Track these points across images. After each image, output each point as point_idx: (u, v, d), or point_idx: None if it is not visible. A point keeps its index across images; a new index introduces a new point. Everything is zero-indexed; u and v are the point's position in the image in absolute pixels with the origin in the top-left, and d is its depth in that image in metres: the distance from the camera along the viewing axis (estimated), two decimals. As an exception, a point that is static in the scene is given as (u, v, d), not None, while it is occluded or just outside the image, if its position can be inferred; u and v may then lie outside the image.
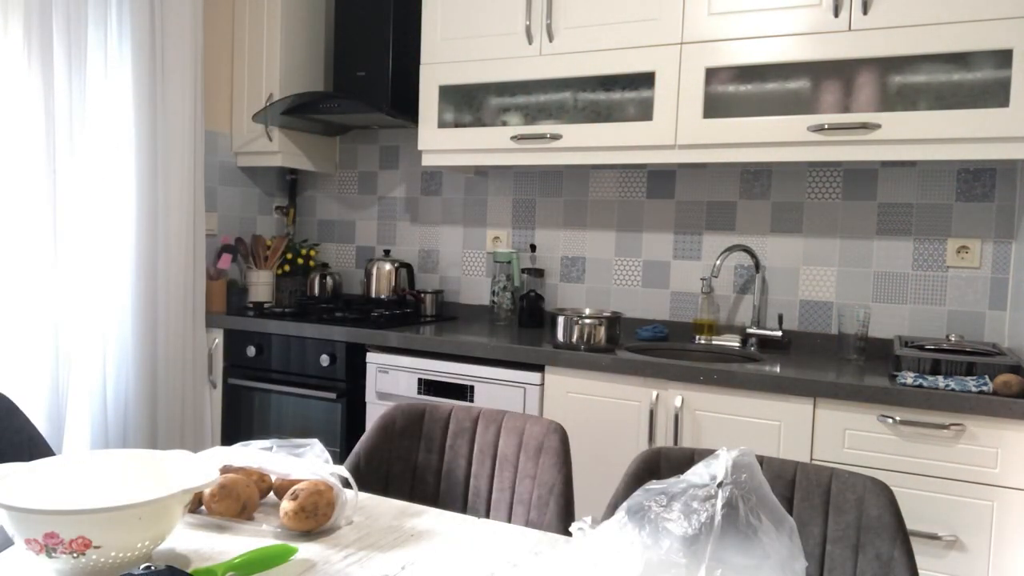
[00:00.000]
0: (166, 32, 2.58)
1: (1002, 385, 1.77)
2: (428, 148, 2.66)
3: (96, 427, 2.43)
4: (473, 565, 0.99)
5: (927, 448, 1.81)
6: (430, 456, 1.51)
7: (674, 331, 2.65)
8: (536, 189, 2.89)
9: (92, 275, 2.42)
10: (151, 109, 2.55)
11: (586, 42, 2.38)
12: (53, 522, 0.84)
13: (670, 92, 2.27)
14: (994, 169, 2.26)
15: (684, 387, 2.05)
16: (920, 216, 2.35)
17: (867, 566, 1.10)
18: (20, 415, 1.48)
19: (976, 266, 2.28)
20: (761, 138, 2.16)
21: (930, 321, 2.34)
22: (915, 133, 2.00)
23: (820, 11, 2.09)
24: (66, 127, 2.32)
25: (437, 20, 2.61)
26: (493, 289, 2.84)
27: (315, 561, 0.99)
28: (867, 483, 1.15)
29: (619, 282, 2.76)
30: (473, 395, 2.31)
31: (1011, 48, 1.91)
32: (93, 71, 2.40)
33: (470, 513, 1.19)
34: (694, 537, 0.81)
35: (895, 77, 2.11)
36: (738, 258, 2.58)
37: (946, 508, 1.80)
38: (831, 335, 2.43)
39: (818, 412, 1.92)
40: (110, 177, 2.46)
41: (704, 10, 2.22)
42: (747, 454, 0.87)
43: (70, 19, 2.30)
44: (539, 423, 1.48)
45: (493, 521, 1.15)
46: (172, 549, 1.01)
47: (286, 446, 1.23)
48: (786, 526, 0.85)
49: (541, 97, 2.57)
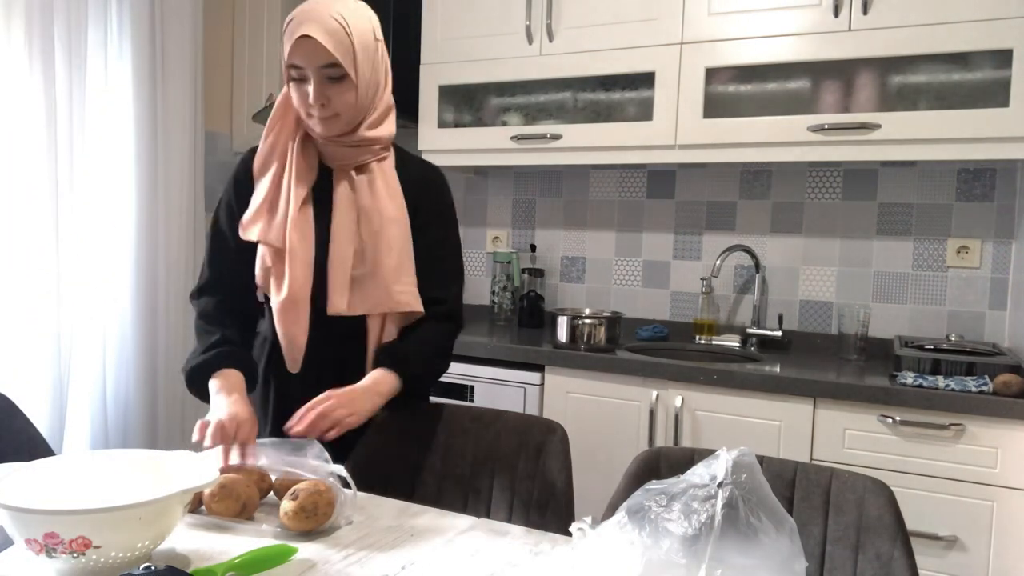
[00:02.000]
0: (166, 32, 2.58)
1: (1002, 385, 1.77)
2: (428, 148, 2.66)
3: (96, 427, 2.43)
4: (473, 565, 0.99)
5: (927, 448, 1.81)
6: (430, 456, 1.50)
7: (674, 331, 2.65)
8: (536, 189, 2.89)
9: (92, 275, 2.42)
10: (151, 109, 2.55)
11: (586, 42, 2.38)
12: (53, 522, 0.84)
13: (670, 92, 2.27)
14: (994, 169, 2.26)
15: (684, 387, 2.05)
16: (920, 216, 2.35)
17: (867, 566, 1.10)
18: (20, 415, 1.48)
19: (976, 266, 2.28)
20: (761, 138, 2.16)
21: (930, 321, 2.34)
22: (915, 133, 2.00)
23: (820, 11, 2.09)
24: (67, 127, 2.32)
25: (437, 20, 2.61)
26: (493, 289, 2.84)
27: (315, 561, 0.99)
28: (867, 483, 1.15)
29: (619, 282, 2.76)
30: (473, 395, 2.31)
31: (1011, 48, 1.91)
32: (93, 72, 2.40)
33: (470, 513, 1.19)
34: (694, 537, 0.81)
35: (895, 77, 2.11)
36: (738, 258, 2.58)
37: (946, 508, 1.80)
38: (831, 335, 2.43)
39: (818, 412, 1.92)
40: (110, 177, 2.46)
41: (704, 10, 2.22)
42: (747, 454, 0.87)
43: (71, 20, 2.30)
44: (539, 423, 1.48)
45: (493, 521, 1.15)
46: (172, 549, 1.01)
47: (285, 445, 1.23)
48: (786, 526, 0.85)
49: (541, 97, 2.57)
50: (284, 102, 1.39)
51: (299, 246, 1.36)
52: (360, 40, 1.31)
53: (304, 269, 1.37)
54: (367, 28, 1.33)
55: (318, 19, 1.27)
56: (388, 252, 1.38)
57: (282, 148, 1.40)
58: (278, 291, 1.37)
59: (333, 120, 1.33)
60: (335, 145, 1.38)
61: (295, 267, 1.36)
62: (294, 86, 1.33)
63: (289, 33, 1.28)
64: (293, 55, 1.28)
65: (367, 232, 1.39)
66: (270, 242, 1.36)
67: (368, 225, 1.39)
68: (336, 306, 1.37)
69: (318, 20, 1.27)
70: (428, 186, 1.49)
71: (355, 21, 1.30)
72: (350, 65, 1.29)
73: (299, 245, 1.36)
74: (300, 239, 1.36)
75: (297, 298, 1.36)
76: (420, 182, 1.48)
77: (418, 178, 1.48)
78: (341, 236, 1.38)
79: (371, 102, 1.37)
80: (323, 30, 1.26)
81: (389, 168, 1.44)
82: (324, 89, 1.30)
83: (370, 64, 1.34)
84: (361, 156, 1.40)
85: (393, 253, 1.39)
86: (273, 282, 1.38)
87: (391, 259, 1.39)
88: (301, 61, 1.28)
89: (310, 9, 1.28)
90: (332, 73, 1.29)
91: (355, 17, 1.31)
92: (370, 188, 1.40)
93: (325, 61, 1.28)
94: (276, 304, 1.37)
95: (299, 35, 1.26)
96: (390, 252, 1.39)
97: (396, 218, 1.41)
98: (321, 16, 1.27)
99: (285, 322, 1.37)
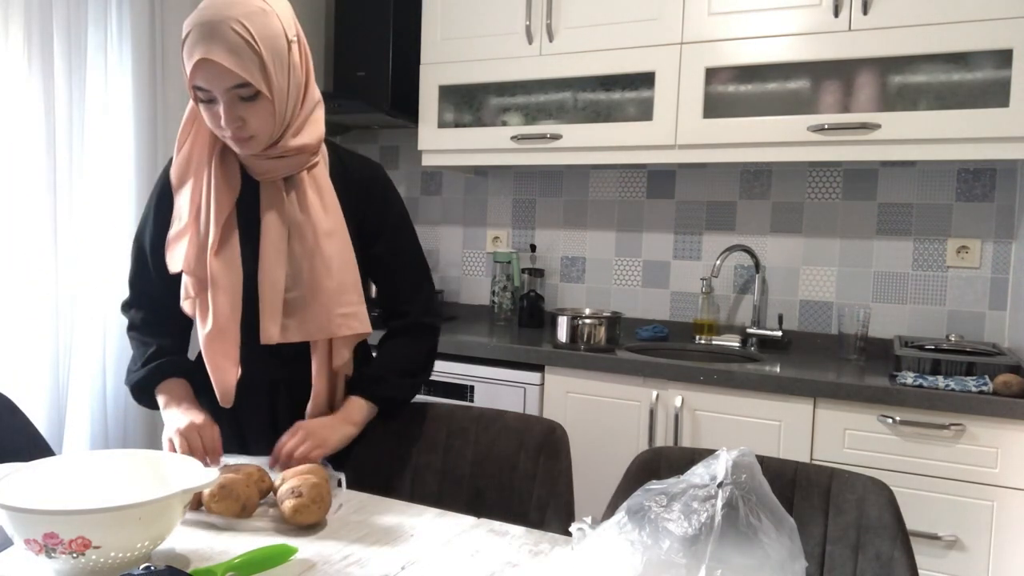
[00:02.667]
0: (166, 32, 2.58)
1: (1002, 385, 1.77)
2: (428, 148, 2.66)
3: (96, 427, 2.43)
4: (473, 565, 0.99)
5: (927, 448, 1.81)
6: (430, 456, 1.50)
7: (674, 331, 2.65)
8: (536, 189, 2.89)
9: (92, 275, 2.42)
10: (151, 109, 2.55)
11: (586, 42, 2.38)
12: (53, 522, 0.84)
13: (670, 92, 2.27)
14: (994, 169, 2.26)
15: (684, 387, 2.05)
16: (920, 216, 2.35)
17: (867, 566, 1.10)
18: (20, 415, 1.48)
19: (976, 266, 2.28)
20: (761, 138, 2.16)
21: (930, 321, 2.34)
22: (915, 133, 2.00)
23: (820, 11, 2.09)
24: (66, 128, 2.32)
25: (437, 20, 2.61)
26: (493, 289, 2.84)
27: (315, 561, 0.99)
28: (867, 483, 1.15)
29: (619, 282, 2.76)
30: (473, 395, 2.31)
31: (1011, 48, 1.91)
32: (93, 72, 2.40)
33: (470, 513, 1.19)
34: (694, 537, 0.81)
35: (895, 77, 2.11)
36: (738, 258, 2.58)
37: (946, 508, 1.80)
38: (831, 335, 2.43)
39: (818, 412, 1.92)
40: (110, 177, 2.46)
41: (704, 10, 2.22)
42: (747, 454, 0.87)
43: (70, 20, 2.30)
44: (539, 423, 1.48)
45: (493, 521, 1.15)
46: (172, 549, 1.01)
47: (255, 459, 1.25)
48: (786, 526, 0.85)
49: (541, 97, 2.57)
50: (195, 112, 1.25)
51: (223, 274, 1.25)
52: (270, 49, 1.15)
53: (230, 298, 1.26)
54: (275, 32, 1.16)
55: (217, 35, 1.11)
56: (326, 271, 1.27)
57: (197, 161, 1.27)
58: (203, 323, 1.27)
59: (251, 140, 1.19)
60: (258, 158, 1.24)
61: (219, 298, 1.25)
62: (204, 107, 1.18)
63: (188, 51, 1.13)
64: (195, 77, 1.14)
65: (300, 250, 1.26)
66: (192, 273, 1.26)
67: (301, 242, 1.26)
68: (268, 334, 1.26)
69: (218, 36, 1.11)
70: (371, 188, 1.38)
71: (260, 27, 1.14)
72: (261, 82, 1.15)
73: (223, 273, 1.25)
74: (223, 267, 1.25)
75: (224, 329, 1.26)
76: (362, 184, 1.36)
77: (359, 179, 1.36)
78: (271, 257, 1.25)
79: (292, 110, 1.22)
80: (225, 49, 1.11)
81: (321, 175, 1.30)
82: (236, 110, 1.15)
83: (285, 73, 1.18)
84: (288, 167, 1.26)
85: (332, 271, 1.27)
86: (198, 313, 1.28)
87: (329, 280, 1.27)
88: (205, 84, 1.14)
89: (207, 21, 1.12)
90: (243, 93, 1.14)
91: (261, 21, 1.14)
92: (300, 200, 1.27)
93: (232, 83, 1.13)
94: (202, 337, 1.28)
95: (198, 58, 1.11)
96: (328, 271, 1.27)
97: (332, 231, 1.28)
98: (220, 31, 1.11)
99: (213, 355, 1.27)
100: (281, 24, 1.18)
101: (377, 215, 1.38)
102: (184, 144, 1.27)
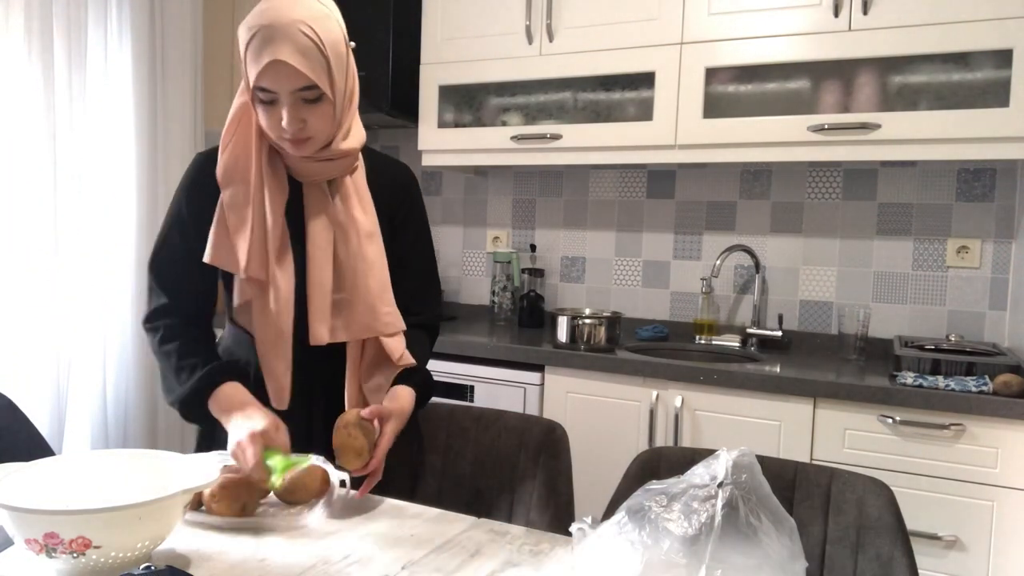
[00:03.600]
0: (166, 32, 2.58)
1: (1002, 385, 1.77)
2: (428, 148, 2.66)
3: (96, 427, 2.43)
4: (473, 565, 0.99)
5: (927, 448, 1.81)
6: (430, 456, 1.51)
7: (674, 331, 2.65)
8: (536, 189, 2.89)
9: (93, 274, 2.42)
10: (151, 108, 2.55)
11: (586, 42, 2.38)
12: (53, 522, 0.84)
13: (670, 92, 2.27)
14: (994, 169, 2.26)
15: (684, 387, 2.05)
16: (920, 216, 2.35)
17: (867, 566, 1.10)
18: (20, 415, 1.48)
19: (976, 266, 2.28)
20: (761, 138, 2.16)
21: (930, 321, 2.34)
22: (915, 133, 2.00)
23: (820, 11, 2.09)
24: (66, 127, 2.32)
25: (437, 20, 2.61)
26: (493, 289, 2.84)
27: (315, 561, 0.99)
28: (867, 483, 1.15)
29: (619, 282, 2.76)
30: (473, 395, 2.31)
31: (1011, 48, 1.91)
32: (93, 71, 2.40)
33: (470, 513, 1.19)
34: (694, 537, 0.81)
35: (895, 77, 2.11)
36: (738, 258, 2.58)
37: (946, 508, 1.80)
38: (831, 335, 2.43)
39: (818, 412, 1.92)
40: (111, 177, 2.46)
41: (704, 10, 2.22)
42: (747, 454, 0.87)
43: (70, 20, 2.30)
44: (539, 423, 1.48)
45: (493, 521, 1.15)
46: (172, 549, 1.01)
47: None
48: (786, 526, 0.85)
49: (541, 97, 2.57)
50: (242, 113, 1.25)
51: (281, 278, 1.26)
52: (334, 52, 1.17)
53: (287, 302, 1.26)
54: (338, 36, 1.19)
55: (287, 37, 1.12)
56: (369, 272, 1.29)
57: (245, 164, 1.26)
58: (262, 326, 1.27)
59: (308, 142, 1.21)
60: (307, 161, 1.25)
61: (279, 301, 1.25)
62: (262, 109, 1.19)
63: (254, 53, 1.14)
64: (262, 79, 1.14)
65: (345, 252, 1.28)
66: (251, 275, 1.25)
67: (345, 244, 1.28)
68: (318, 335, 1.26)
69: (288, 38, 1.12)
70: (403, 191, 1.40)
71: (325, 30, 1.16)
72: (327, 84, 1.17)
73: (281, 277, 1.26)
74: (281, 271, 1.25)
75: (282, 332, 1.26)
76: (394, 187, 1.39)
77: (391, 183, 1.39)
78: (319, 260, 1.27)
79: (345, 113, 1.25)
80: (295, 50, 1.12)
81: (360, 179, 1.33)
82: (299, 112, 1.17)
83: (344, 76, 1.21)
84: (336, 170, 1.28)
85: (374, 273, 1.29)
86: (255, 316, 1.27)
87: (373, 280, 1.29)
88: (272, 86, 1.15)
89: (274, 22, 1.12)
90: (307, 96, 1.16)
91: (325, 25, 1.16)
92: (344, 203, 1.29)
93: (300, 85, 1.14)
94: (259, 339, 1.27)
95: (268, 60, 1.12)
96: (371, 272, 1.29)
97: (372, 232, 1.31)
98: (289, 32, 1.12)
99: (270, 358, 1.27)
100: (341, 27, 1.21)
101: (405, 217, 1.40)
102: (227, 147, 1.27)
